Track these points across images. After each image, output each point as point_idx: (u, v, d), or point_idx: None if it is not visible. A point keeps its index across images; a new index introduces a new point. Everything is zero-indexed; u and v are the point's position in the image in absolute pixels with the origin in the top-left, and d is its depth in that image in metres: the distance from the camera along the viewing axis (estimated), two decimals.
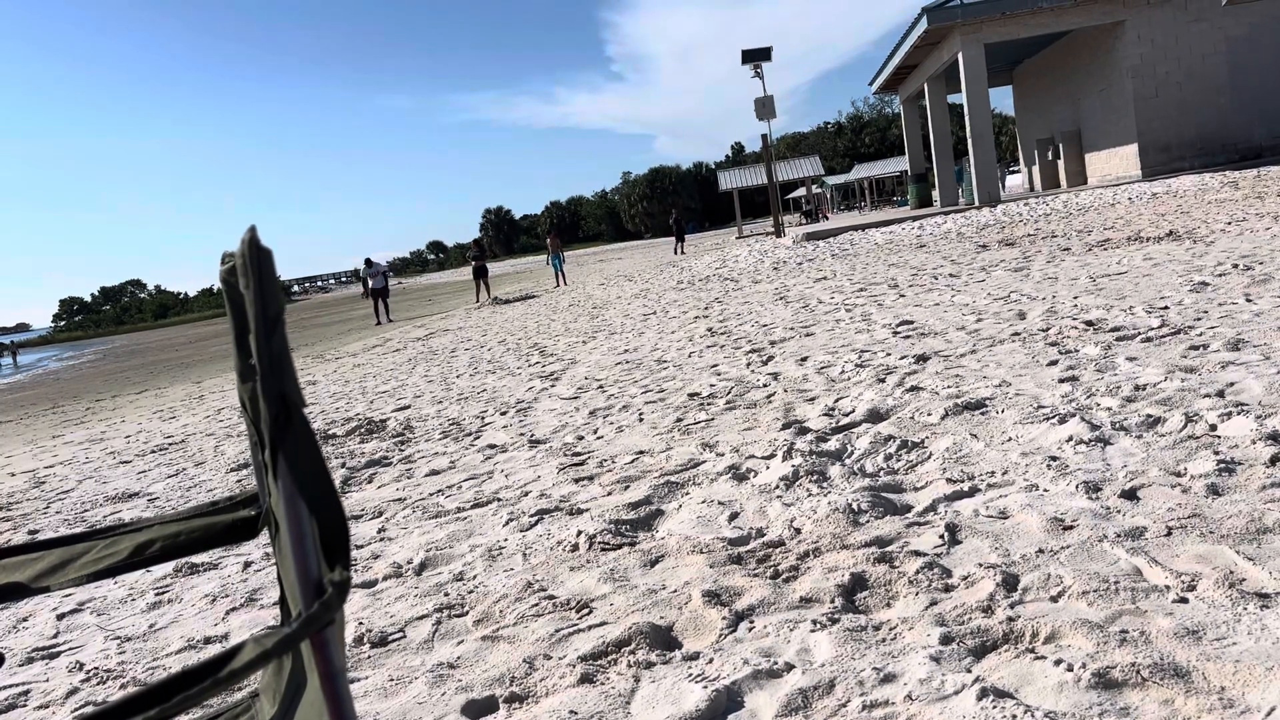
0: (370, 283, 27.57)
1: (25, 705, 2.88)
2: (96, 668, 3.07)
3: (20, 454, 10.15)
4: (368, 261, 27.68)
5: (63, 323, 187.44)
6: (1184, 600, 2.23)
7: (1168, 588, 2.30)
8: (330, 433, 7.00)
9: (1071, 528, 2.79)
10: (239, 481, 5.91)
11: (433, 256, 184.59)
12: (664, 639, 2.55)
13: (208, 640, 3.17)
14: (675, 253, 36.39)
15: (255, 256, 0.79)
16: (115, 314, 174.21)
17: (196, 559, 4.06)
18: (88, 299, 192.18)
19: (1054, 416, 3.94)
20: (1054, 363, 5.02)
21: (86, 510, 5.86)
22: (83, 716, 0.67)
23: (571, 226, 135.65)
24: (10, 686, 3.03)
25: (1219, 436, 3.38)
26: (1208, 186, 17.47)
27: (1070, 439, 3.61)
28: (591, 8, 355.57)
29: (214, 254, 1.01)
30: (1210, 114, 24.35)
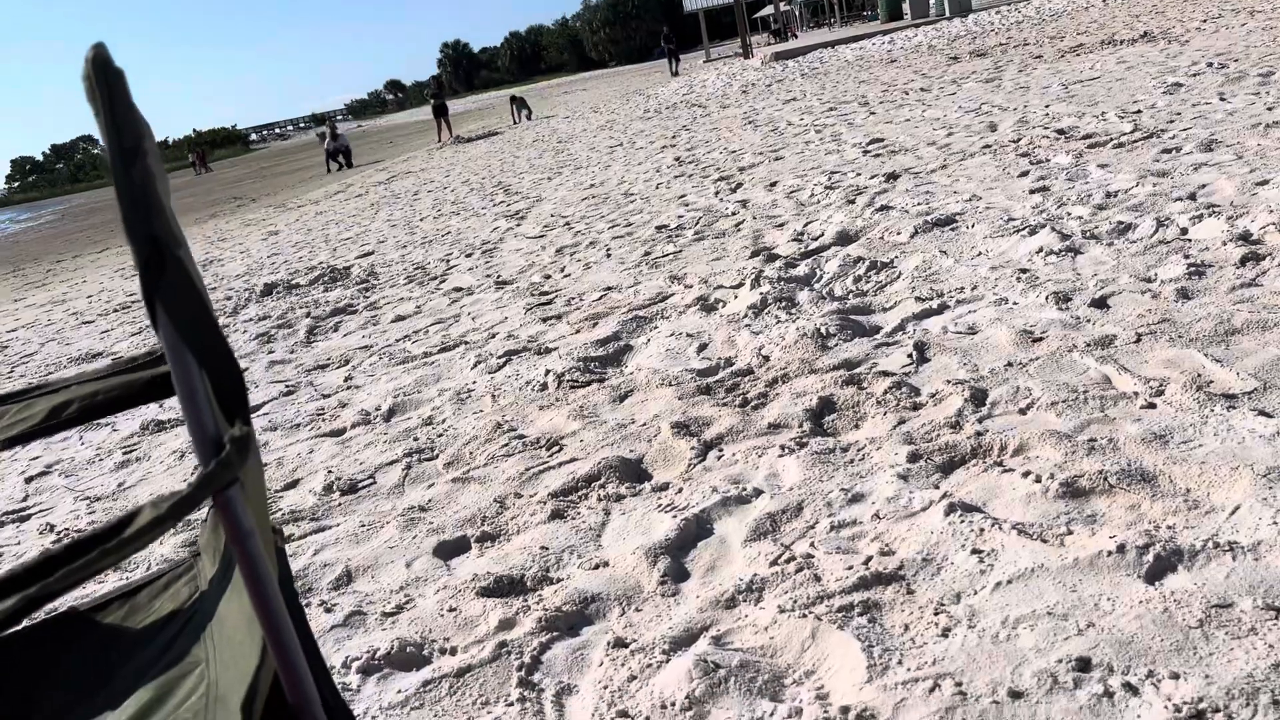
0: (331, 144, 27.26)
1: None
2: (67, 529, 3.06)
3: None
4: (334, 135, 27.26)
5: (16, 184, 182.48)
6: (1152, 406, 2.22)
7: (1136, 394, 2.29)
8: (294, 282, 6.88)
9: (1041, 339, 2.76)
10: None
11: (391, 97, 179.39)
12: (634, 472, 2.54)
13: None
14: (671, 74, 34.73)
15: (104, 79, 0.68)
16: (70, 173, 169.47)
17: (163, 417, 4.01)
18: (39, 159, 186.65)
19: (1024, 228, 3.87)
20: (1025, 174, 4.92)
21: (50, 373, 5.78)
22: None
23: (533, 58, 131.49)
24: None
25: (1190, 240, 3.33)
26: None
27: (1040, 250, 3.56)
28: None
29: (166, 102, 0.89)
30: None
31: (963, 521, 1.88)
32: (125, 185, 0.68)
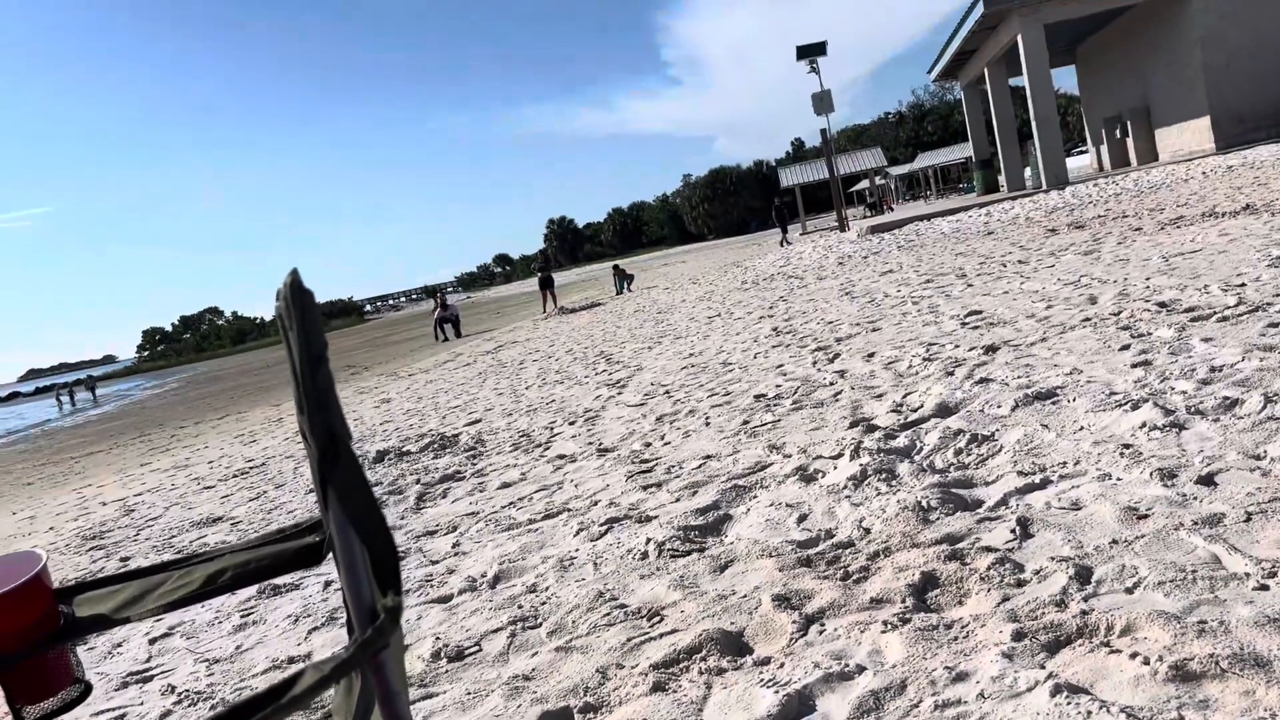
0: (440, 312, 28.88)
1: None
2: (188, 690, 3.17)
3: (111, 483, 10.50)
4: (444, 305, 29.05)
5: (146, 352, 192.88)
6: (1265, 588, 2.17)
7: (1247, 575, 2.24)
8: (405, 449, 7.13)
9: (1146, 517, 2.73)
10: (318, 502, 6.04)
11: (499, 269, 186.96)
12: (735, 645, 2.56)
13: (291, 660, 3.25)
14: (781, 244, 35.31)
15: (297, 299, 0.82)
16: (195, 341, 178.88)
17: (278, 581, 4.17)
18: (169, 329, 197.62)
19: (1127, 403, 3.86)
20: (1126, 347, 4.91)
21: (174, 536, 6.04)
22: None
23: (635, 232, 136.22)
24: (107, 711, 3.15)
25: None
26: None
27: (1144, 425, 3.54)
28: (645, 13, 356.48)
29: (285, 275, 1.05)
30: None
31: (1069, 703, 1.86)
32: (310, 386, 0.81)
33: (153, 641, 3.82)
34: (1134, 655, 1.99)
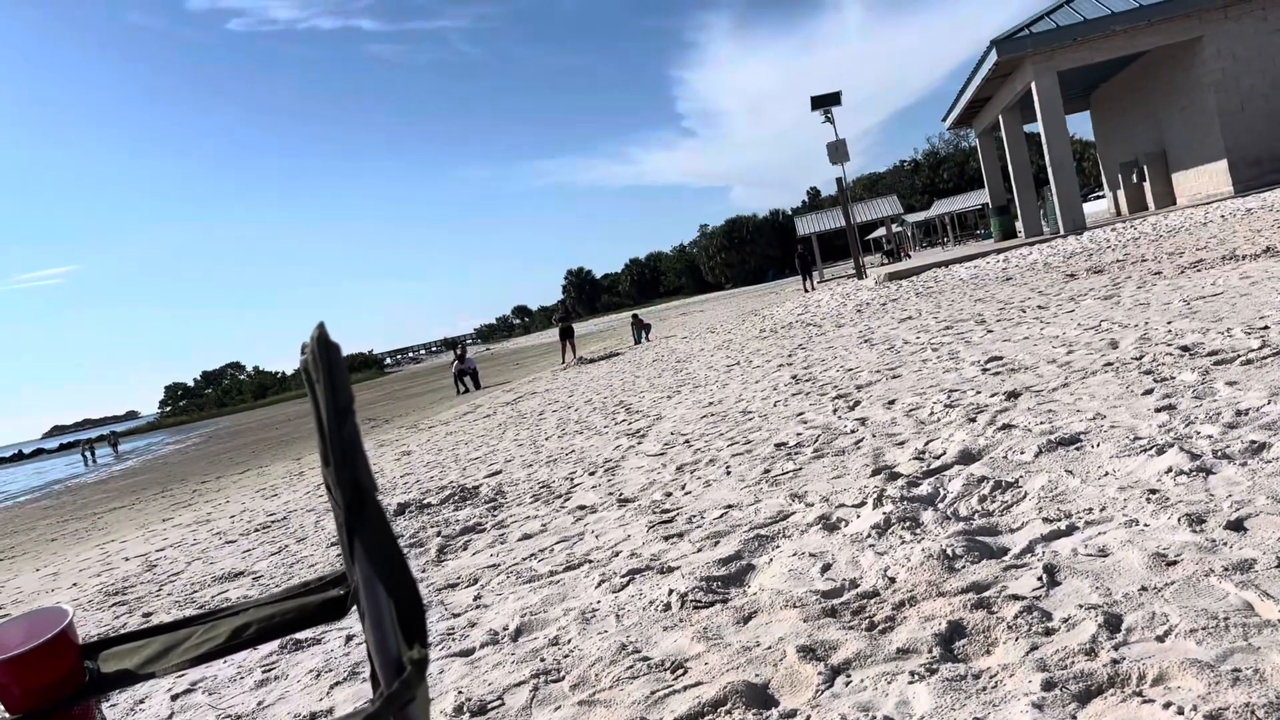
0: (458, 365, 29.24)
1: None
2: None
3: (134, 538, 10.52)
4: (461, 358, 29.34)
5: (168, 408, 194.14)
6: None
7: None
8: (426, 502, 7.12)
9: (1175, 563, 2.69)
10: (339, 555, 6.03)
11: (518, 321, 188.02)
12: (760, 697, 2.53)
13: (313, 715, 3.23)
14: (805, 290, 35.22)
15: (324, 351, 0.83)
16: (217, 396, 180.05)
17: (300, 635, 4.15)
18: (190, 384, 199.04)
19: (1152, 448, 3.82)
20: (1149, 392, 4.88)
21: (196, 591, 6.04)
22: None
23: (652, 282, 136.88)
24: None
25: None
26: None
27: (1170, 470, 3.50)
28: (661, 67, 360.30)
29: (307, 331, 1.06)
30: None
31: None
32: (337, 438, 0.82)
33: (175, 698, 3.81)
34: (1168, 705, 1.95)
